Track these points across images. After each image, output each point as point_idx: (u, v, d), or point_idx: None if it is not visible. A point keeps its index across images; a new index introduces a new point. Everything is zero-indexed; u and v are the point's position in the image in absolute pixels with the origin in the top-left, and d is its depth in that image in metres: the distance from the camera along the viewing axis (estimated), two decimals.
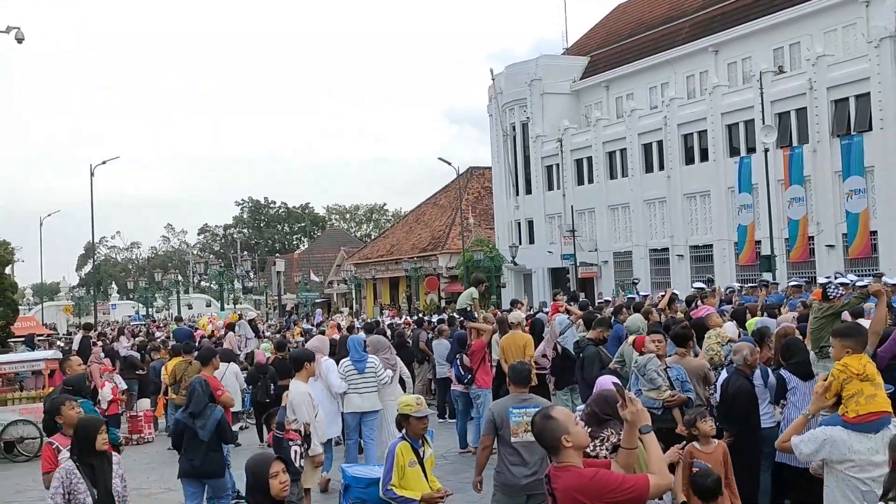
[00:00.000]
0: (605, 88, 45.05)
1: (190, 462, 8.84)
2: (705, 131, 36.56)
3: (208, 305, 70.66)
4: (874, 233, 29.62)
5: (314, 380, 10.15)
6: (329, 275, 72.64)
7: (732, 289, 19.77)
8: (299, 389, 9.14)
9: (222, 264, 66.32)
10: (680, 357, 9.16)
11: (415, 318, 28.04)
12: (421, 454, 6.60)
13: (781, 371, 8.39)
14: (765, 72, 32.56)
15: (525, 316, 15.16)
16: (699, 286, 17.85)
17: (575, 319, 14.06)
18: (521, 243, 46.40)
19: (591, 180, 43.21)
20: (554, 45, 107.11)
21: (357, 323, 26.69)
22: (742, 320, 12.18)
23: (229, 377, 13.54)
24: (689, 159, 37.77)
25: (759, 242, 32.73)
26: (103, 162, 47.06)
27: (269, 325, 36.02)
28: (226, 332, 23.12)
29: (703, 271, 35.56)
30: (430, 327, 20.44)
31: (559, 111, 45.57)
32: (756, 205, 32.98)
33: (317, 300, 62.89)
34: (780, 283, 22.08)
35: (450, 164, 49.63)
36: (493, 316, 15.91)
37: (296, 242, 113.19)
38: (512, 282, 47.86)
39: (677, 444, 7.52)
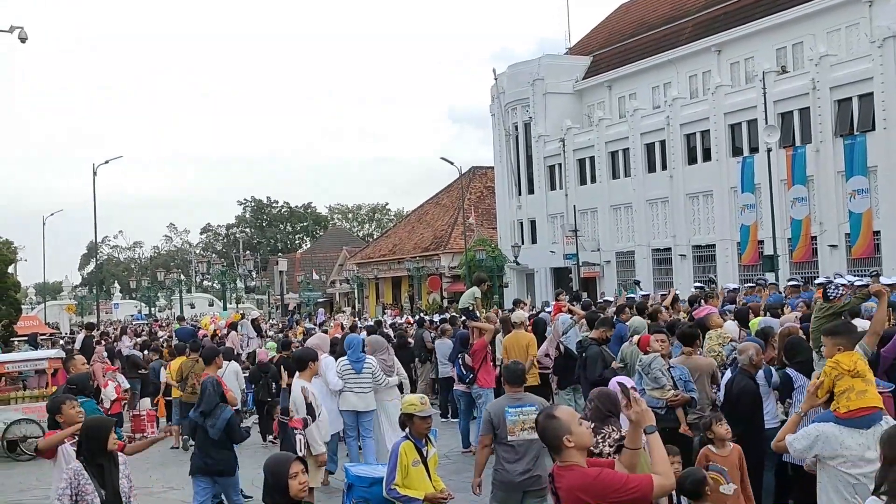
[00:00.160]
0: (607, 88, 45.04)
1: (202, 459, 8.98)
2: (708, 131, 36.54)
3: (211, 305, 70.67)
4: (877, 233, 29.60)
5: (316, 378, 10.20)
6: (331, 274, 72.69)
7: (730, 288, 19.69)
8: (303, 388, 9.20)
9: (225, 264, 66.31)
10: (687, 356, 9.12)
11: (416, 317, 28.01)
12: (424, 454, 6.60)
13: (787, 370, 8.39)
14: (768, 71, 32.55)
15: (528, 315, 15.14)
16: (698, 286, 17.85)
17: (578, 319, 14.06)
18: (523, 243, 46.42)
19: (593, 180, 43.21)
20: (556, 45, 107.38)
21: (359, 323, 26.69)
22: (745, 320, 12.15)
23: (229, 376, 13.53)
24: (692, 159, 37.76)
25: (761, 242, 32.70)
26: (106, 161, 47.19)
27: (272, 324, 36.01)
28: (228, 332, 23.11)
29: (706, 271, 35.53)
30: (431, 327, 20.43)
31: (562, 111, 45.57)
32: (759, 205, 32.97)
33: (319, 300, 62.95)
34: (777, 284, 21.93)
35: (452, 163, 49.60)
36: (495, 315, 15.92)
37: (298, 242, 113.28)
38: (514, 281, 47.84)
39: (680, 444, 7.55)
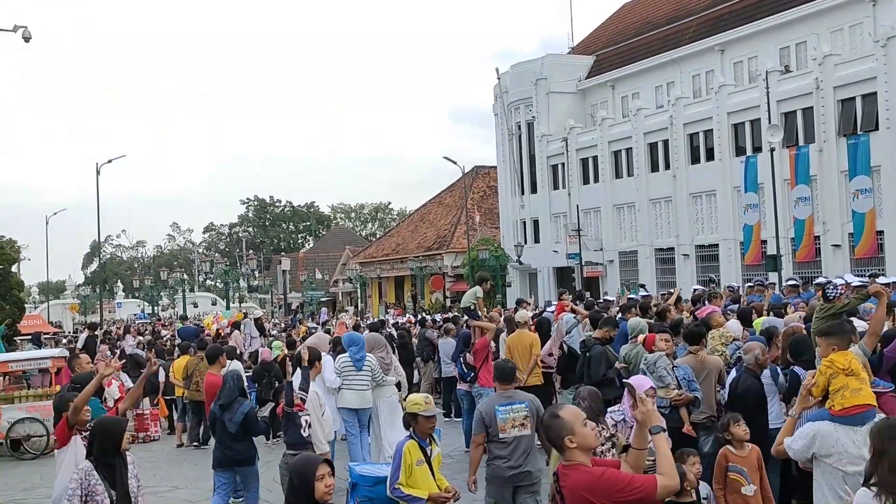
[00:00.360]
0: (610, 88, 45.03)
1: (222, 452, 9.16)
2: (711, 131, 36.52)
3: (214, 304, 70.77)
4: (880, 232, 29.56)
5: (318, 376, 10.24)
6: (334, 273, 72.73)
7: (732, 287, 19.65)
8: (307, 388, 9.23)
9: (228, 263, 66.23)
10: (694, 355, 9.11)
11: (418, 317, 28.02)
12: (428, 453, 6.61)
13: (794, 368, 8.37)
14: (771, 71, 32.52)
15: (531, 315, 15.14)
16: (697, 288, 17.84)
17: (581, 319, 14.05)
18: (526, 242, 46.43)
19: (596, 179, 43.19)
20: (560, 44, 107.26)
21: (362, 322, 26.68)
22: (747, 320, 12.12)
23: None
24: (695, 159, 37.74)
25: (764, 242, 32.66)
26: (109, 160, 47.21)
27: (275, 323, 36.01)
28: (231, 331, 23.13)
29: (709, 271, 35.51)
30: (433, 326, 20.44)
31: (565, 110, 45.56)
32: (762, 204, 32.94)
33: (322, 299, 62.97)
34: (775, 284, 21.83)
35: (455, 163, 49.57)
36: (497, 315, 15.92)
37: (301, 241, 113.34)
38: (517, 281, 47.85)
39: (683, 443, 7.55)
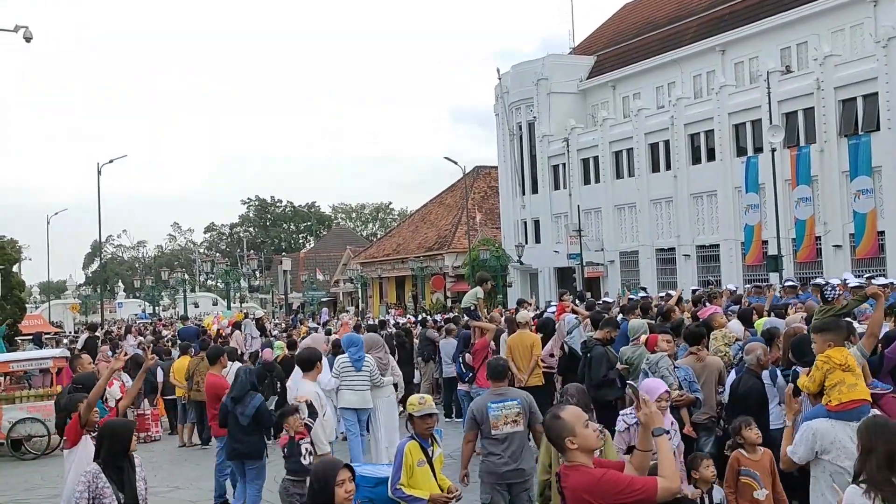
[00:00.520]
0: (611, 88, 45.02)
1: (232, 445, 9.35)
2: (712, 131, 36.51)
3: (215, 304, 70.65)
4: (881, 233, 29.55)
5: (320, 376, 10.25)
6: (335, 274, 72.72)
7: (732, 289, 19.63)
8: (308, 389, 9.23)
9: (228, 263, 66.30)
10: (695, 356, 9.11)
11: (419, 317, 28.02)
12: (430, 453, 6.60)
13: (797, 368, 8.36)
14: (772, 71, 32.52)
15: (532, 316, 15.14)
16: (695, 288, 17.85)
17: (582, 319, 14.05)
18: (527, 243, 46.40)
19: (597, 180, 43.18)
20: (560, 45, 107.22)
21: (362, 323, 26.66)
22: (748, 321, 12.12)
23: (232, 376, 13.61)
24: (696, 159, 37.73)
25: (765, 242, 32.65)
26: (111, 161, 47.33)
27: (276, 323, 36.03)
28: (232, 331, 23.15)
29: (710, 271, 35.54)
30: (434, 326, 20.43)
31: (566, 110, 45.55)
32: (763, 205, 32.93)
33: (323, 299, 62.98)
34: (773, 285, 21.70)
35: (456, 163, 49.62)
36: (498, 315, 15.91)
37: (302, 241, 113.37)
38: (518, 281, 47.84)
39: (684, 444, 7.55)
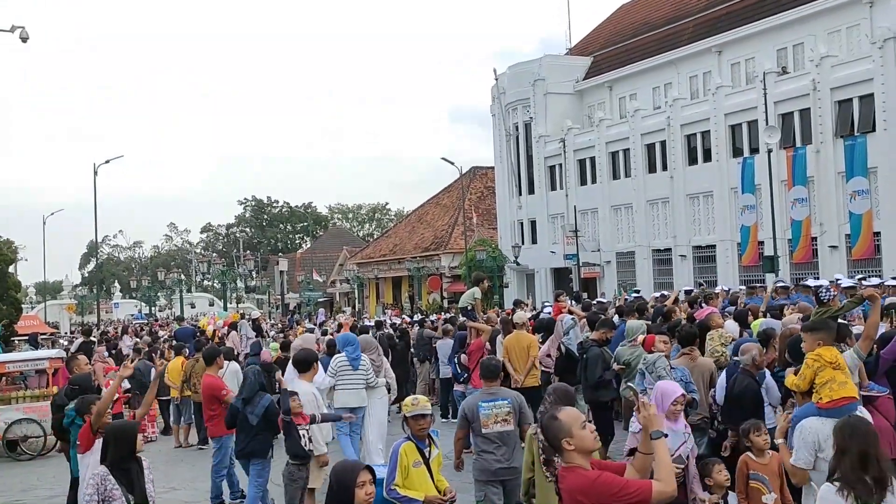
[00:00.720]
0: (608, 89, 45.05)
1: (240, 444, 9.46)
2: (708, 132, 36.54)
3: (211, 304, 70.68)
4: (877, 234, 29.59)
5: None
6: (332, 274, 72.69)
7: (725, 290, 19.61)
8: (305, 389, 9.26)
9: (225, 263, 66.19)
10: (687, 356, 9.13)
11: (417, 317, 27.99)
12: (427, 454, 6.58)
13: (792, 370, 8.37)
14: (768, 72, 32.55)
15: (529, 316, 15.15)
16: (689, 289, 17.86)
17: (579, 320, 14.06)
18: (523, 243, 46.41)
19: (594, 180, 43.21)
20: (557, 45, 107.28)
21: (359, 324, 26.62)
22: (744, 321, 12.13)
23: (229, 376, 13.56)
24: (693, 160, 37.77)
25: (762, 243, 32.70)
26: (107, 161, 47.34)
27: (272, 324, 35.99)
28: (228, 332, 23.11)
29: (706, 272, 35.59)
30: (431, 326, 20.43)
31: (562, 111, 45.57)
32: (759, 205, 32.98)
33: (319, 300, 62.96)
34: (766, 286, 21.66)
35: (453, 163, 49.70)
36: (495, 316, 15.93)
37: (298, 242, 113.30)
38: (515, 282, 47.84)
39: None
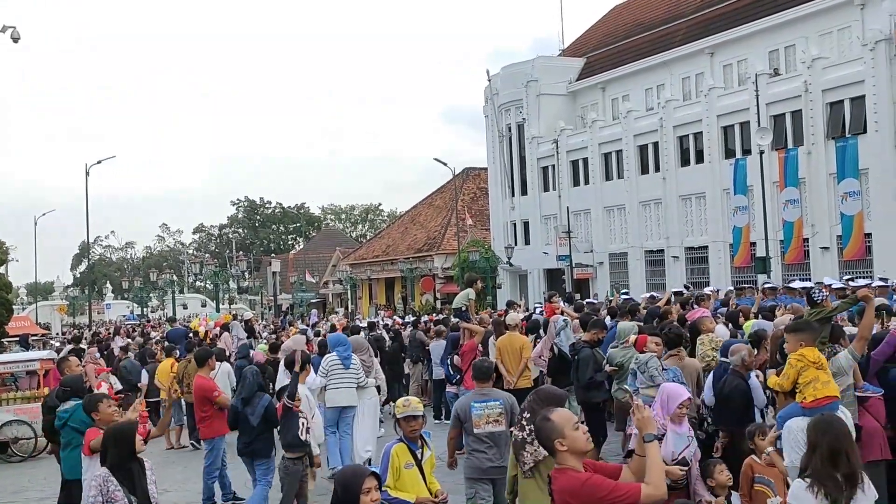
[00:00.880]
0: (601, 90, 45.12)
1: (242, 443, 9.57)
2: (701, 133, 36.63)
3: (203, 305, 70.48)
4: (868, 235, 29.70)
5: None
6: (324, 275, 72.59)
7: (717, 290, 19.65)
8: (299, 390, 9.24)
9: (217, 264, 66.15)
10: (675, 357, 9.17)
11: (411, 318, 27.99)
12: (419, 456, 6.57)
13: (773, 371, 8.41)
14: (760, 74, 32.68)
15: (522, 317, 15.16)
16: (676, 291, 17.86)
17: (571, 321, 14.07)
18: (516, 244, 46.43)
19: (586, 181, 43.26)
20: (550, 46, 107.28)
21: (349, 324, 26.60)
22: (736, 323, 12.17)
23: (221, 377, 13.59)
24: (685, 161, 37.85)
25: (754, 244, 32.78)
26: (98, 161, 47.17)
27: (265, 325, 35.93)
28: (220, 333, 23.06)
29: (699, 273, 35.69)
30: (423, 328, 20.43)
31: (555, 112, 45.62)
32: (751, 206, 33.06)
33: (312, 300, 62.88)
34: (756, 288, 21.66)
35: (445, 164, 49.69)
36: (488, 317, 15.93)
37: (291, 242, 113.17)
38: (507, 283, 47.87)
39: None
